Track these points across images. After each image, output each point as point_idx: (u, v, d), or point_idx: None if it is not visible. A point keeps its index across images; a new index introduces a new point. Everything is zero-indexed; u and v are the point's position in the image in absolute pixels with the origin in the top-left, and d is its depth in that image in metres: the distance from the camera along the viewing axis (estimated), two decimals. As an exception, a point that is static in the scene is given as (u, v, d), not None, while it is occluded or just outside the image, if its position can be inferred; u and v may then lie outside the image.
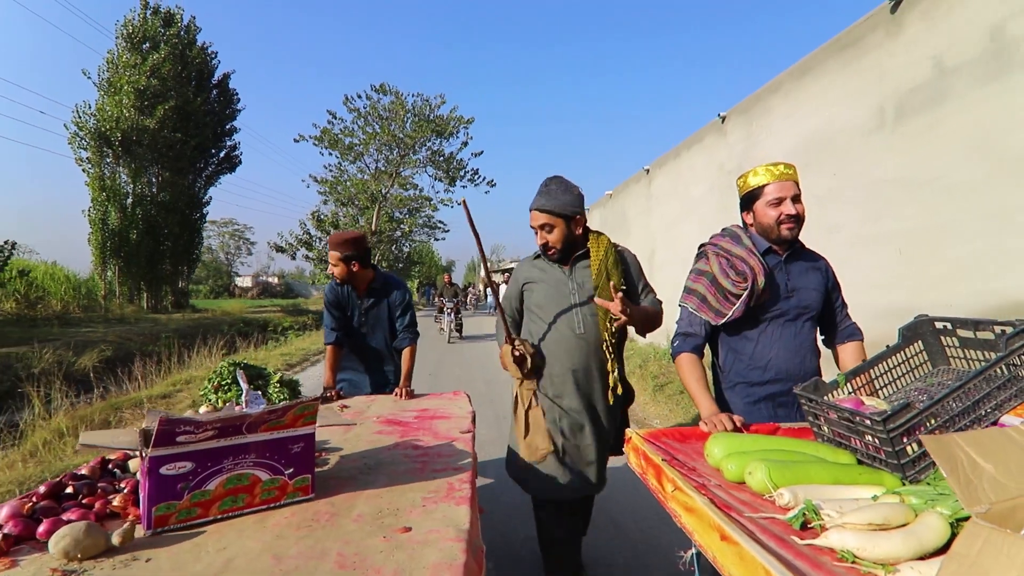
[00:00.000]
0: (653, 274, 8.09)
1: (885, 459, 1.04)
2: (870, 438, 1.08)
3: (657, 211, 8.57)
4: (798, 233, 1.66)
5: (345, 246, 2.46)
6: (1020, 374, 1.10)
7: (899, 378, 1.38)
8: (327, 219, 20.21)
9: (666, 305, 2.09)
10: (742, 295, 1.60)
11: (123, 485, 1.20)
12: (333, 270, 2.53)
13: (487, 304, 24.74)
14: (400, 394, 2.35)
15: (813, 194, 1.69)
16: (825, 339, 1.83)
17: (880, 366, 1.38)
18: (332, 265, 2.52)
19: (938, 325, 1.41)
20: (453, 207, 22.06)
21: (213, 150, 21.74)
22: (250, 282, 51.76)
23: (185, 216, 20.71)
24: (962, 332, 1.35)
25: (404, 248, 25.01)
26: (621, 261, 1.97)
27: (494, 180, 21.77)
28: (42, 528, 0.97)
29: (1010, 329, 1.14)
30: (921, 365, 1.41)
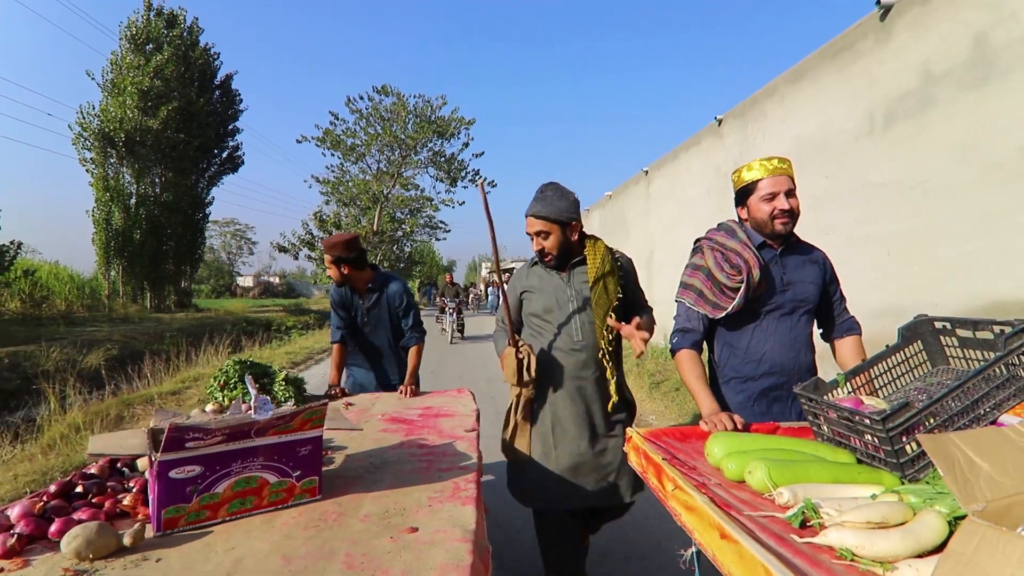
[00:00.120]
0: (652, 275, 8.11)
1: (884, 458, 1.05)
2: (869, 437, 1.08)
3: (655, 213, 8.59)
4: (792, 228, 1.65)
5: (334, 249, 2.52)
6: (1019, 373, 1.11)
7: (898, 378, 1.39)
8: (329, 219, 20.24)
9: (665, 304, 2.09)
10: (738, 288, 1.59)
11: (132, 484, 1.22)
12: (329, 272, 2.62)
13: (488, 304, 24.72)
14: (405, 392, 2.37)
15: (807, 196, 1.70)
16: (823, 333, 1.82)
17: (880, 366, 1.38)
18: (328, 268, 2.61)
19: (937, 325, 1.41)
20: (454, 207, 22.08)
21: (216, 150, 21.81)
22: (251, 282, 51.81)
23: (188, 216, 20.78)
24: (961, 332, 1.35)
25: (406, 248, 25.02)
26: (618, 268, 1.95)
27: (495, 181, 21.84)
28: (53, 527, 0.99)
29: (1009, 329, 1.14)
30: (921, 365, 1.41)
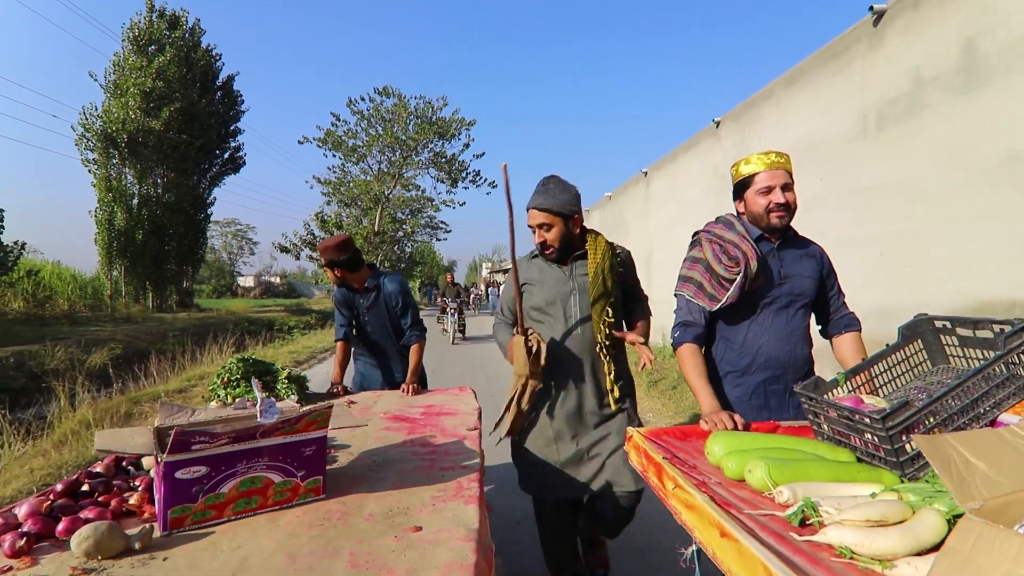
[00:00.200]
0: (651, 275, 8.15)
1: (884, 457, 1.05)
2: (869, 436, 1.09)
3: (654, 213, 8.66)
4: (788, 222, 1.66)
5: (326, 253, 2.55)
6: (1018, 372, 1.11)
7: (899, 377, 1.39)
8: (331, 220, 20.29)
9: (664, 303, 2.11)
10: (735, 279, 1.59)
11: (138, 483, 1.23)
12: (327, 274, 2.67)
13: (489, 304, 24.71)
14: (407, 390, 2.39)
15: (802, 198, 1.72)
16: (821, 330, 1.82)
17: (880, 365, 1.38)
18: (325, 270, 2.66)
19: (937, 324, 1.42)
20: (455, 208, 22.10)
21: (217, 151, 21.87)
22: (252, 282, 51.88)
23: (190, 216, 20.85)
24: (961, 331, 1.36)
25: (407, 248, 25.07)
26: (618, 263, 1.97)
27: (495, 182, 21.78)
28: (61, 526, 1.00)
29: (1009, 328, 1.15)
30: (921, 364, 1.41)
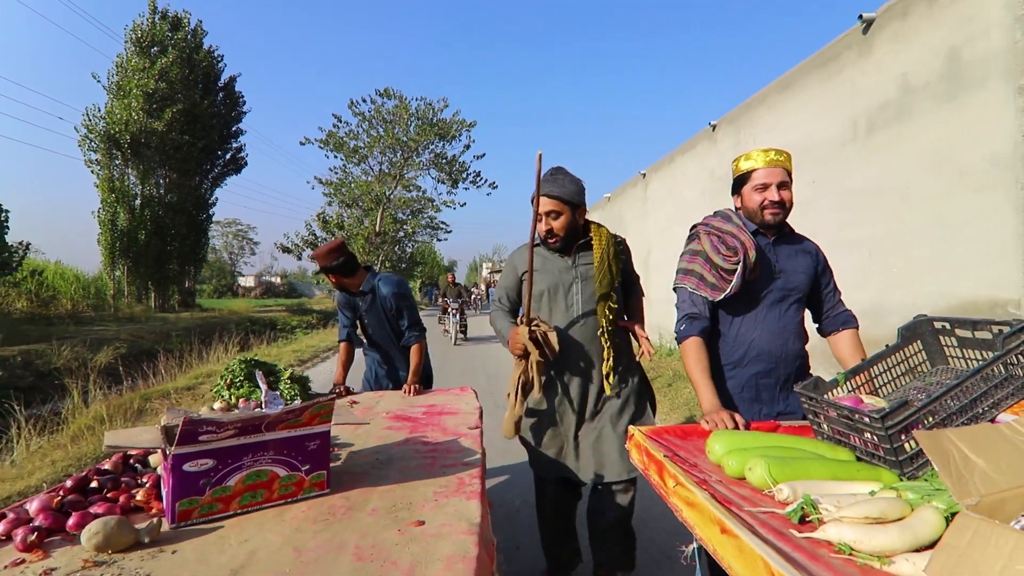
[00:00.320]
0: (649, 275, 8.24)
1: (883, 456, 1.07)
2: (869, 435, 1.10)
3: (653, 215, 8.76)
4: (782, 219, 1.67)
5: (318, 260, 2.57)
6: (1016, 373, 1.12)
7: (898, 377, 1.40)
8: (332, 220, 20.34)
9: (662, 303, 2.13)
10: (735, 269, 1.60)
11: (145, 480, 1.25)
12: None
13: (489, 306, 24.73)
14: (408, 390, 2.40)
15: (795, 200, 1.75)
16: (819, 328, 1.83)
17: (879, 365, 1.39)
18: None
19: (937, 325, 1.43)
20: (455, 208, 22.13)
21: (219, 152, 21.92)
22: (253, 282, 51.87)
23: (192, 217, 20.90)
24: (960, 332, 1.37)
25: (407, 249, 25.09)
26: (621, 252, 2.00)
27: (496, 182, 21.91)
28: (71, 521, 1.02)
29: (1007, 329, 1.16)
30: (920, 365, 1.42)
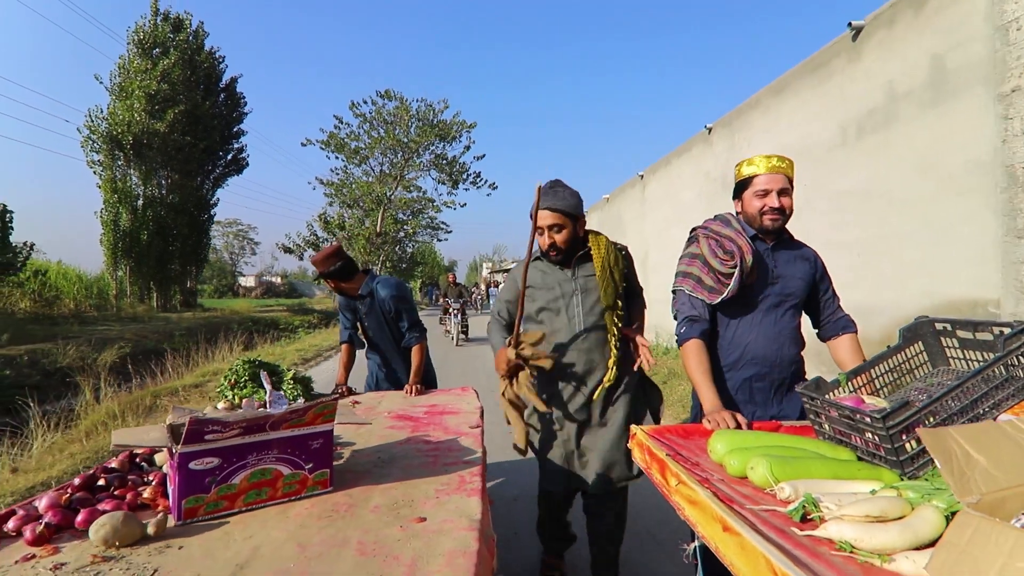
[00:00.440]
0: (647, 276, 8.28)
1: (884, 456, 1.07)
2: (870, 435, 1.10)
3: (650, 216, 8.83)
4: (781, 225, 1.68)
5: (316, 265, 2.58)
6: (1017, 374, 1.13)
7: (899, 378, 1.41)
8: (333, 221, 20.39)
9: (660, 303, 2.14)
10: (731, 273, 1.61)
11: (151, 478, 1.26)
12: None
13: (490, 304, 24.76)
14: (410, 391, 2.41)
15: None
16: (818, 333, 1.84)
17: (881, 366, 1.40)
18: None
19: (938, 326, 1.44)
20: (456, 209, 22.18)
21: (221, 153, 21.98)
22: (254, 282, 51.91)
23: (193, 217, 20.97)
24: (961, 333, 1.38)
25: (408, 249, 25.14)
26: (622, 259, 1.99)
27: (496, 183, 21.95)
28: (80, 517, 1.03)
29: (1008, 330, 1.17)
30: (921, 365, 1.43)
